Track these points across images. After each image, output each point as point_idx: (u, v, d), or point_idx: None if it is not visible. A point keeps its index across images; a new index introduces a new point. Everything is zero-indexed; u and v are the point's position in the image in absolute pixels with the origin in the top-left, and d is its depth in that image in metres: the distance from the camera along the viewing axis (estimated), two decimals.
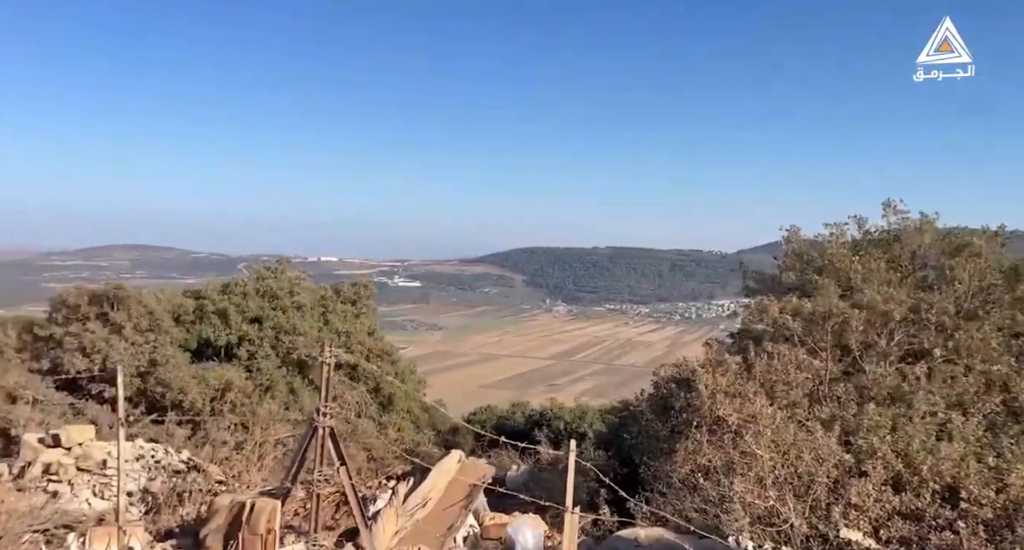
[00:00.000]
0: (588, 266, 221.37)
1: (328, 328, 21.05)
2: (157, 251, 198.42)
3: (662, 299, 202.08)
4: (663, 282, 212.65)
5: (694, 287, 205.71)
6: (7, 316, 27.58)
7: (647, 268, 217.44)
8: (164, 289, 20.54)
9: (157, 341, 14.31)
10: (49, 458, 8.56)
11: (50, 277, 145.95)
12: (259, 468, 9.44)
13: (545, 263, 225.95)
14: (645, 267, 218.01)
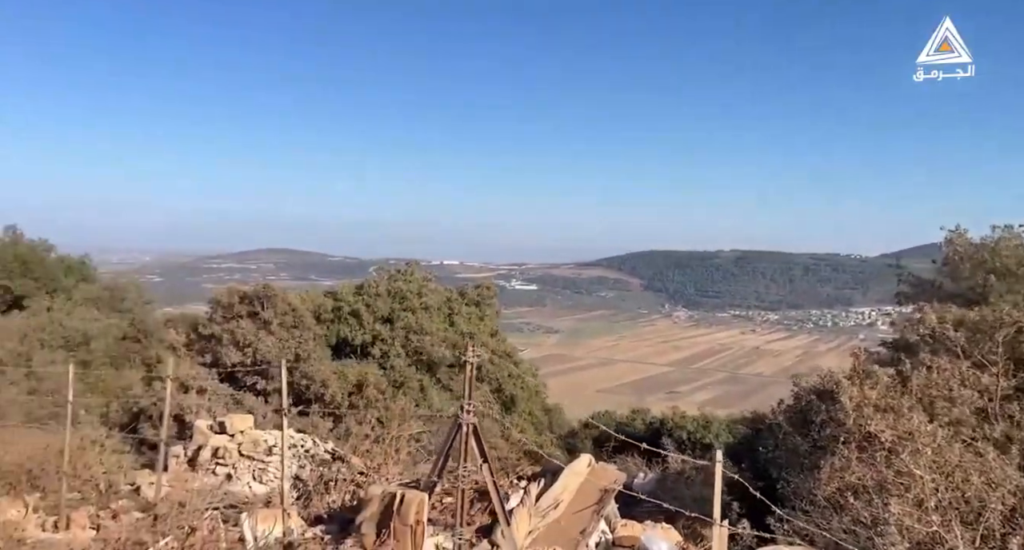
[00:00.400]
0: (711, 270, 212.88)
1: (453, 329, 21.80)
2: (299, 255, 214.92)
3: (793, 306, 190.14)
4: (795, 287, 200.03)
5: (830, 293, 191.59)
6: (174, 314, 30.93)
7: (777, 272, 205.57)
8: (309, 290, 22.25)
9: (301, 337, 15.50)
10: (217, 443, 9.56)
11: (208, 278, 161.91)
12: (395, 461, 9.96)
13: (664, 267, 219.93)
14: (774, 271, 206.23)
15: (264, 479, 9.04)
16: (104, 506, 7.76)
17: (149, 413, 13.04)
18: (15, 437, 10.10)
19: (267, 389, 14.20)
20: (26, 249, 26.46)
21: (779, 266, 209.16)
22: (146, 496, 8.12)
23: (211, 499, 5.74)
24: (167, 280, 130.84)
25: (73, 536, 5.84)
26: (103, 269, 34.57)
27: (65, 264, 28.36)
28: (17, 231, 27.22)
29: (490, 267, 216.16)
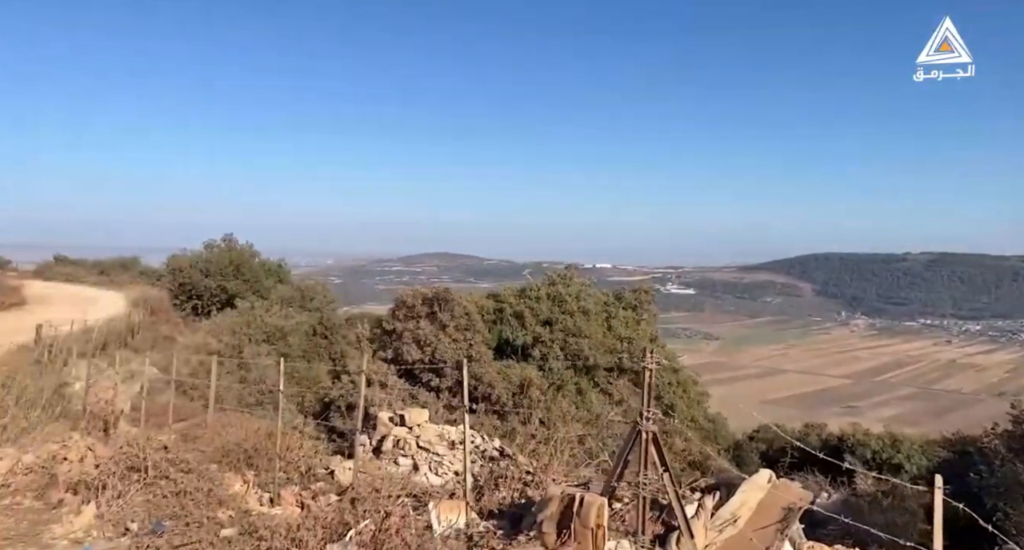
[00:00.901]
0: (897, 274, 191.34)
1: (611, 333, 21.63)
2: (459, 258, 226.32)
3: (1000, 315, 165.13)
4: (1001, 294, 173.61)
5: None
6: (353, 312, 33.74)
7: (979, 277, 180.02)
8: (472, 292, 23.28)
9: (472, 339, 16.23)
10: (398, 435, 10.30)
11: (380, 280, 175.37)
12: (560, 462, 10.08)
13: (841, 270, 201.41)
14: (975, 276, 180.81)
15: (440, 471, 9.58)
16: (305, 487, 8.58)
17: (338, 404, 14.32)
18: (232, 420, 11.50)
19: (440, 386, 15.05)
20: (238, 254, 30.46)
21: (982, 270, 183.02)
22: (339, 480, 8.89)
23: (404, 486, 6.19)
24: (345, 281, 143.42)
25: (285, 512, 6.55)
26: (294, 272, 38.81)
27: (266, 267, 32.21)
28: (232, 238, 31.44)
29: (644, 270, 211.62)
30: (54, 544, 4.91)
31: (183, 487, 6.14)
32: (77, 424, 8.64)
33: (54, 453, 6.72)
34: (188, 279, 29.62)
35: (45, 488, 6.08)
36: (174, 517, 5.51)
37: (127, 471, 6.17)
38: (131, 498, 5.86)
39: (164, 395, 13.55)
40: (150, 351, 18.11)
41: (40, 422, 8.10)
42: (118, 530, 5.24)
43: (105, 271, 39.22)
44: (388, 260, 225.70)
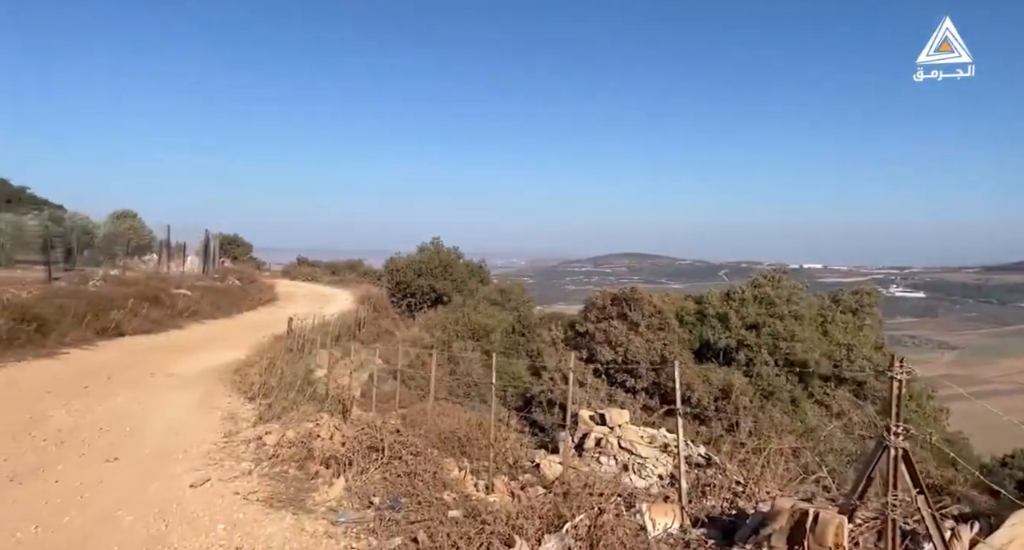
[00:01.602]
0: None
1: (827, 339, 19.78)
2: (650, 258, 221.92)
3: None
4: None
5: None
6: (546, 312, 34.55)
7: None
8: (667, 293, 22.69)
9: (667, 339, 15.82)
10: (599, 434, 10.36)
11: (569, 281, 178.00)
12: (774, 475, 9.42)
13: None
14: None
15: (643, 473, 9.45)
16: (514, 477, 8.94)
17: (539, 399, 14.79)
18: (446, 409, 12.37)
19: (635, 387, 14.88)
20: (445, 256, 32.86)
21: None
22: (545, 473, 9.15)
23: (611, 486, 6.22)
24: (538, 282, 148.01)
25: (500, 499, 6.90)
26: (492, 272, 40.89)
27: (469, 268, 34.31)
28: (439, 241, 34.03)
29: (861, 271, 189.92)
30: (315, 509, 5.65)
31: (413, 468, 6.73)
32: (322, 406, 9.87)
33: (309, 430, 7.76)
34: (403, 279, 32.57)
35: (304, 460, 7.03)
36: (408, 495, 6.06)
37: (368, 450, 6.92)
38: (371, 475, 6.56)
39: (387, 384, 14.99)
40: (373, 343, 20.20)
41: (296, 403, 9.39)
42: (363, 502, 5.88)
43: (336, 271, 44.68)
44: (577, 261, 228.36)
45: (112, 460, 6.36)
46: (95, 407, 8.31)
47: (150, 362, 11.74)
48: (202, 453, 6.91)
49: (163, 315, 16.56)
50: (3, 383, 8.95)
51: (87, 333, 12.92)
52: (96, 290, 15.55)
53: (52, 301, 12.99)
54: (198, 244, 27.42)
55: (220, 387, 10.45)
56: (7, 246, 16.23)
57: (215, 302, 20.95)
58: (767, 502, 7.43)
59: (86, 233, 20.28)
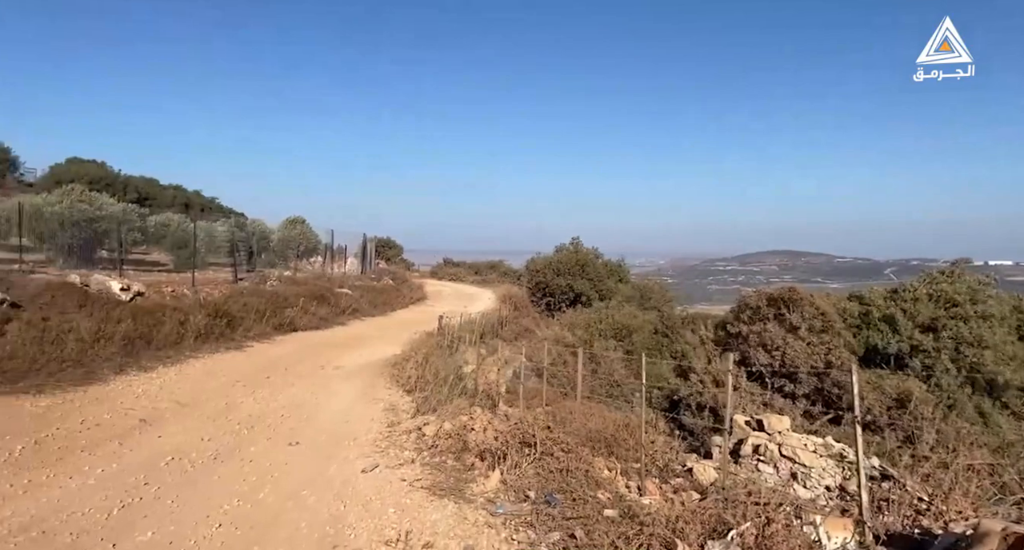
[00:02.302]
0: None
1: (1023, 344, 17.31)
2: (804, 256, 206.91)
3: None
4: None
5: None
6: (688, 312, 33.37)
7: None
8: (828, 293, 20.98)
9: (831, 343, 14.62)
10: (757, 440, 9.79)
11: (713, 280, 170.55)
12: (965, 494, 8.40)
13: None
14: None
15: (808, 484, 8.80)
16: (665, 481, 8.69)
17: (688, 402, 14.29)
18: (592, 408, 12.31)
19: (795, 392, 13.91)
20: (583, 256, 32.82)
21: None
22: (699, 479, 8.81)
23: (778, 495, 5.84)
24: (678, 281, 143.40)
25: (654, 502, 6.74)
26: (631, 271, 40.19)
27: (608, 268, 34.00)
28: (578, 241, 34.07)
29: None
30: (474, 500, 5.84)
31: (565, 465, 6.75)
32: (473, 400, 10.20)
33: (464, 423, 8.04)
34: (543, 278, 32.95)
35: (460, 452, 7.30)
36: (561, 491, 6.09)
37: (520, 445, 7.04)
38: (525, 469, 6.66)
39: (530, 380, 15.23)
40: (515, 341, 20.62)
41: (450, 397, 9.79)
42: (519, 496, 5.99)
43: (479, 271, 46.25)
44: (722, 259, 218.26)
45: (294, 444, 6.99)
46: (277, 395, 9.20)
47: (319, 356, 12.79)
48: (369, 441, 7.40)
49: (329, 312, 18.01)
50: (203, 373, 10.16)
51: (267, 328, 14.35)
52: (273, 289, 17.24)
53: (238, 299, 14.58)
54: (357, 247, 29.56)
55: (380, 380, 11.14)
56: (201, 250, 18.45)
57: (372, 300, 22.46)
58: (960, 522, 6.64)
59: (264, 238, 22.57)
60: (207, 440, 6.81)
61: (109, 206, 16.18)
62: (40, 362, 8.35)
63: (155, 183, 41.16)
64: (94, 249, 15.80)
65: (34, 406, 7.17)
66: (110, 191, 22.67)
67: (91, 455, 5.96)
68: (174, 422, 7.36)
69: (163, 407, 7.91)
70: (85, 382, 8.39)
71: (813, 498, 8.61)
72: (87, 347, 9.31)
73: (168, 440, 6.67)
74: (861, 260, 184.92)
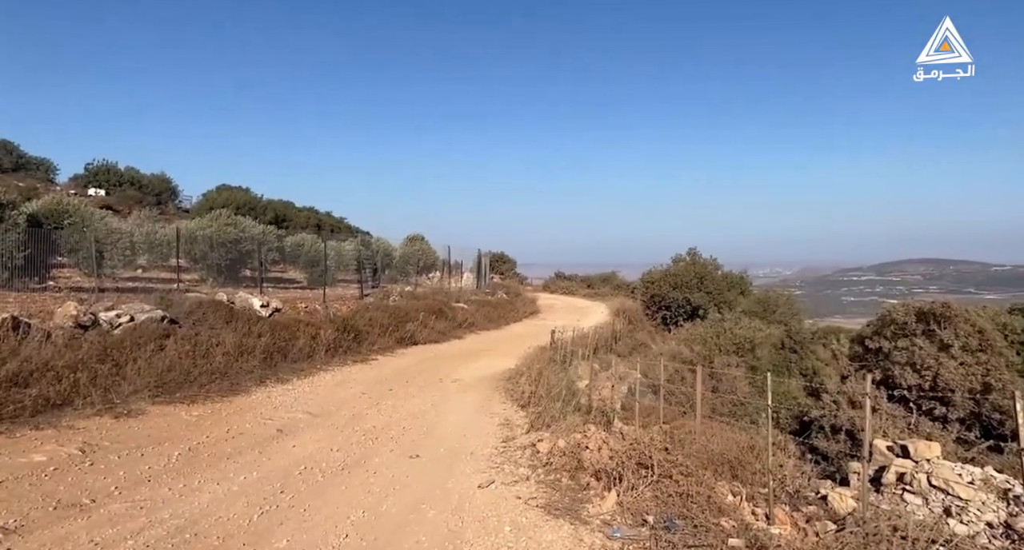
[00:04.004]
0: None
1: None
2: (952, 263, 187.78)
3: None
4: None
5: None
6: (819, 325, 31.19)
7: None
8: (985, 305, 18.85)
9: (990, 363, 13.09)
10: (901, 467, 8.93)
11: (847, 291, 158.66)
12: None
13: None
14: None
15: (965, 519, 7.89)
16: (796, 508, 8.11)
17: (820, 423, 13.33)
18: (713, 428, 11.75)
19: (947, 416, 12.55)
20: (701, 267, 31.67)
21: None
22: (834, 507, 8.15)
23: (929, 532, 5.25)
24: (807, 293, 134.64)
25: (783, 532, 6.29)
26: (754, 283, 38.23)
27: (728, 280, 32.57)
28: (696, 252, 32.95)
29: None
30: (590, 521, 5.74)
31: (685, 489, 6.47)
32: (587, 417, 10.07)
33: (578, 441, 7.96)
34: (658, 291, 32.13)
35: (575, 470, 7.21)
36: (682, 517, 5.84)
37: (637, 466, 6.85)
38: (642, 492, 6.46)
39: (645, 397, 14.81)
40: (630, 356, 20.18)
41: (564, 413, 9.73)
42: (636, 519, 5.82)
43: (591, 285, 45.91)
44: (856, 269, 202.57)
45: (415, 457, 7.22)
46: (399, 407, 9.58)
47: (438, 368, 13.20)
48: (485, 456, 7.49)
49: (446, 326, 18.58)
50: (333, 384, 10.79)
51: (389, 342, 15.03)
52: (395, 304, 18.06)
53: (364, 314, 15.40)
54: (472, 262, 30.34)
55: (495, 394, 11.29)
56: (331, 268, 19.70)
57: (487, 314, 22.91)
58: None
59: (387, 255, 23.75)
60: (335, 450, 7.19)
61: (251, 228, 17.69)
62: (193, 374, 9.24)
63: (291, 206, 44.60)
64: (239, 268, 17.32)
65: (188, 415, 7.93)
66: (252, 214, 24.84)
67: (235, 462, 6.48)
68: (307, 432, 7.84)
69: (297, 417, 8.47)
70: (230, 393, 9.18)
71: (972, 535, 7.70)
72: (232, 360, 10.18)
73: (301, 449, 7.11)
74: (1022, 268, 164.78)
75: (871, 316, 18.21)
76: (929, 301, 14.84)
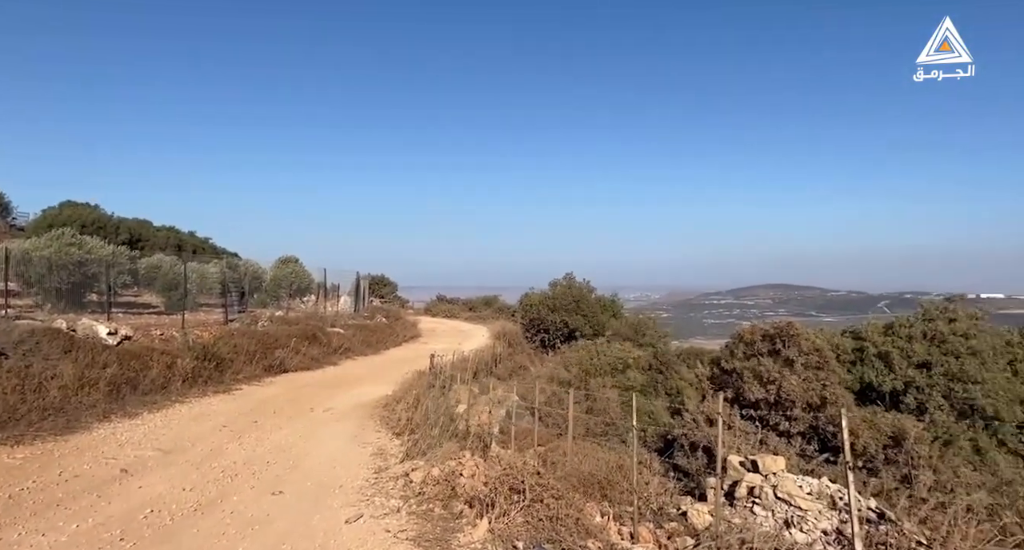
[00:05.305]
0: None
1: (1017, 379, 17.27)
2: (797, 289, 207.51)
3: None
4: None
5: None
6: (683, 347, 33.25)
7: None
8: (823, 328, 20.97)
9: (826, 380, 14.54)
10: (751, 481, 9.62)
11: (708, 314, 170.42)
12: (964, 537, 8.25)
13: None
14: None
15: (805, 528, 8.62)
16: (659, 525, 8.51)
17: (681, 442, 14.12)
18: (585, 449, 12.10)
19: (791, 431, 13.77)
20: (577, 291, 32.83)
21: None
22: (693, 523, 8.63)
23: (772, 542, 5.70)
24: (674, 315, 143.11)
25: (646, 549, 6.58)
26: (624, 307, 40.17)
27: (602, 303, 33.98)
28: (572, 277, 34.11)
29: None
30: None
31: (555, 512, 6.61)
32: (464, 443, 10.04)
33: (453, 469, 7.91)
34: (537, 314, 32.88)
35: (448, 499, 7.15)
36: (551, 541, 5.95)
37: (510, 492, 6.91)
38: (513, 517, 6.52)
39: (524, 420, 15.02)
40: (509, 379, 20.43)
41: (440, 439, 9.64)
42: (506, 546, 5.86)
43: (473, 308, 46.12)
44: (717, 293, 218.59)
45: (277, 493, 6.84)
46: (264, 440, 9.05)
47: (309, 397, 12.64)
48: (355, 488, 7.25)
49: (320, 352, 17.87)
50: (190, 417, 10.01)
51: (256, 370, 14.21)
52: (264, 330, 17.13)
53: (228, 341, 14.46)
54: (350, 285, 29.52)
55: (370, 422, 10.99)
56: (193, 291, 18.38)
57: (365, 339, 22.31)
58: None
59: (256, 278, 22.54)
60: (188, 490, 6.66)
61: (99, 249, 16.16)
62: (20, 411, 8.21)
63: (148, 225, 41.26)
64: (83, 293, 15.72)
65: (11, 458, 7.03)
66: (102, 234, 22.71)
67: (67, 509, 5.81)
68: (156, 471, 7.21)
69: (146, 455, 7.76)
70: (67, 431, 8.25)
71: (810, 543, 8.43)
72: (70, 394, 9.18)
73: (149, 490, 6.52)
74: (854, 294, 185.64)
75: (728, 337, 19.68)
76: (775, 323, 16.30)
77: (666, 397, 20.76)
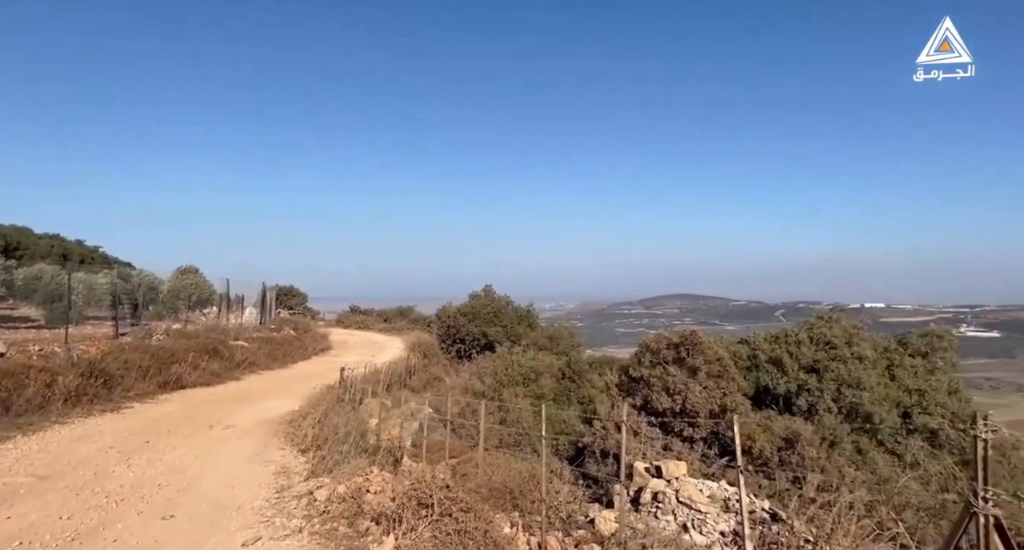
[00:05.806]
0: None
1: (895, 384, 18.77)
2: (702, 299, 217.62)
3: None
4: None
5: None
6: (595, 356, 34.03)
7: None
8: (722, 336, 22.05)
9: (727, 388, 15.26)
10: (656, 487, 9.96)
11: (619, 323, 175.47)
12: (845, 533, 8.86)
13: None
14: None
15: (704, 530, 9.00)
16: (568, 533, 8.65)
17: (592, 449, 14.41)
18: (497, 460, 12.12)
19: (694, 436, 14.34)
20: (495, 302, 32.98)
21: None
22: (600, 529, 8.82)
23: (672, 546, 5.91)
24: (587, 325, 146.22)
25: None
26: (540, 316, 40.71)
27: (518, 313, 34.27)
28: (490, 288, 34.27)
29: (928, 310, 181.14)
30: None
31: (464, 526, 6.58)
32: (374, 458, 9.83)
33: (360, 485, 7.72)
34: (453, 324, 32.75)
35: (354, 517, 6.97)
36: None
37: (417, 507, 6.82)
38: (421, 532, 6.44)
39: (437, 432, 14.89)
40: (423, 391, 20.20)
41: (348, 455, 9.39)
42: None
43: (388, 319, 45.30)
44: (627, 303, 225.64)
45: (168, 517, 6.44)
46: (155, 461, 8.50)
47: (209, 414, 12.00)
48: (255, 509, 6.93)
49: (222, 367, 17.01)
50: (71, 439, 9.26)
51: (150, 387, 13.36)
52: (159, 344, 16.13)
53: (118, 356, 13.52)
54: (256, 296, 28.32)
55: (274, 439, 10.56)
56: (78, 303, 17.08)
57: (271, 353, 21.45)
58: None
59: (152, 289, 21.22)
60: (66, 518, 6.15)
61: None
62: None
63: (27, 232, 38.02)
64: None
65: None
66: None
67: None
68: (29, 499, 6.62)
69: (17, 482, 7.12)
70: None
71: (708, 545, 8.81)
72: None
73: (18, 521, 5.97)
74: (754, 303, 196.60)
75: (637, 346, 20.31)
76: (680, 332, 16.98)
77: (578, 405, 21.10)
